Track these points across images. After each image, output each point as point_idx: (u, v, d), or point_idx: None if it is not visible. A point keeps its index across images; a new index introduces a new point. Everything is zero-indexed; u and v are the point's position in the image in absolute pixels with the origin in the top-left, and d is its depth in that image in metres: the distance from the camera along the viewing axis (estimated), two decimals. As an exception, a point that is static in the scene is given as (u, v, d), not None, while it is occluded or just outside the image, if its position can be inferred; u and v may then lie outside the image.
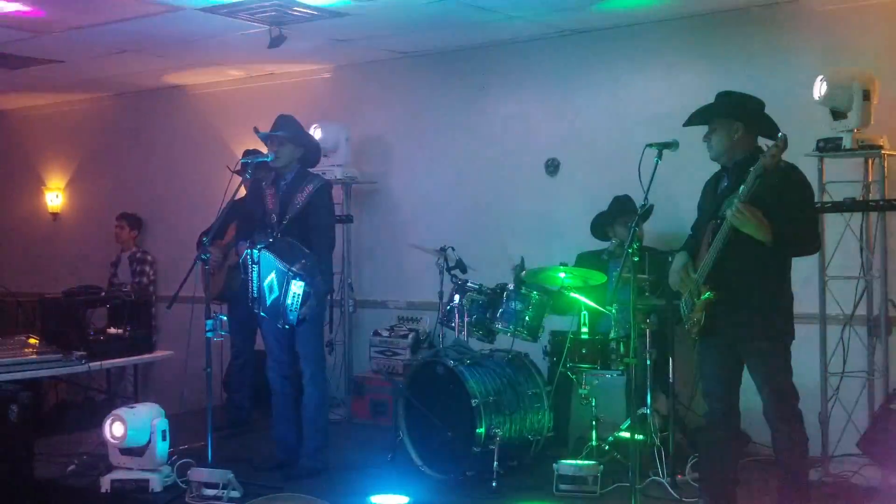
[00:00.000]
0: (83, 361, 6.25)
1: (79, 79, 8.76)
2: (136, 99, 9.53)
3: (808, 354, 5.47)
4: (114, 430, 5.44)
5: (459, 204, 7.60)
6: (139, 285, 8.68)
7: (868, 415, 5.70)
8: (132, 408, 5.62)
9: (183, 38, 7.18)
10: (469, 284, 6.15)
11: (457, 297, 6.10)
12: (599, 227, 6.38)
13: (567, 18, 6.70)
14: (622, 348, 5.59)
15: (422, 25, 6.83)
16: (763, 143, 4.56)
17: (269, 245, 5.55)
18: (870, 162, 5.76)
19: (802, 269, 4.85)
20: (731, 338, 4.48)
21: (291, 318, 5.39)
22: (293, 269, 5.36)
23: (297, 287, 5.35)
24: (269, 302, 5.52)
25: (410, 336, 7.39)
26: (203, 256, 5.63)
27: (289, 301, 5.37)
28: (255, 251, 5.57)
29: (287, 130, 5.77)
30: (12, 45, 7.31)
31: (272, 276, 5.48)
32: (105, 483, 5.42)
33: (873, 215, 5.74)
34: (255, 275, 5.59)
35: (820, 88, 5.58)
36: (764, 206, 4.23)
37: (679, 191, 5.07)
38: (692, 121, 4.64)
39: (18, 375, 5.85)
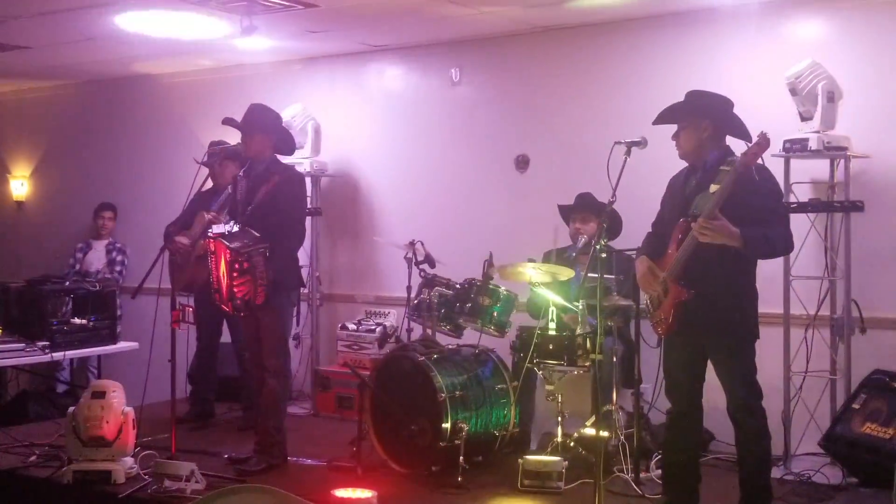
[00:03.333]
0: (46, 351, 6.20)
1: (45, 66, 8.66)
2: (103, 87, 9.43)
3: (771, 354, 5.52)
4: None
5: (429, 198, 7.60)
6: (116, 275, 8.63)
7: (830, 414, 5.76)
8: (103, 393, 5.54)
9: (152, 27, 7.10)
10: (437, 279, 6.15)
11: (425, 292, 6.10)
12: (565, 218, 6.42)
13: (538, 15, 6.71)
14: (588, 344, 5.61)
15: (393, 19, 6.82)
16: (730, 141, 4.63)
17: (223, 234, 5.49)
18: (835, 163, 5.82)
19: (767, 269, 4.89)
20: (696, 336, 4.51)
21: (238, 303, 5.34)
22: (232, 246, 5.28)
23: (237, 268, 5.27)
24: (224, 291, 5.48)
25: (378, 330, 7.38)
26: (170, 247, 5.60)
27: (234, 287, 5.31)
28: (211, 240, 5.51)
29: (257, 119, 5.73)
30: (-24, 30, 7.22)
31: (223, 265, 5.42)
32: (67, 474, 5.36)
33: (837, 216, 5.80)
34: (213, 265, 5.53)
35: (787, 90, 5.63)
36: (734, 208, 4.25)
37: (647, 188, 5.09)
38: (661, 119, 4.67)
39: (-20, 364, 5.81)
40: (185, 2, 6.28)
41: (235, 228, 5.60)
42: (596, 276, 4.62)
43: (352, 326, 7.51)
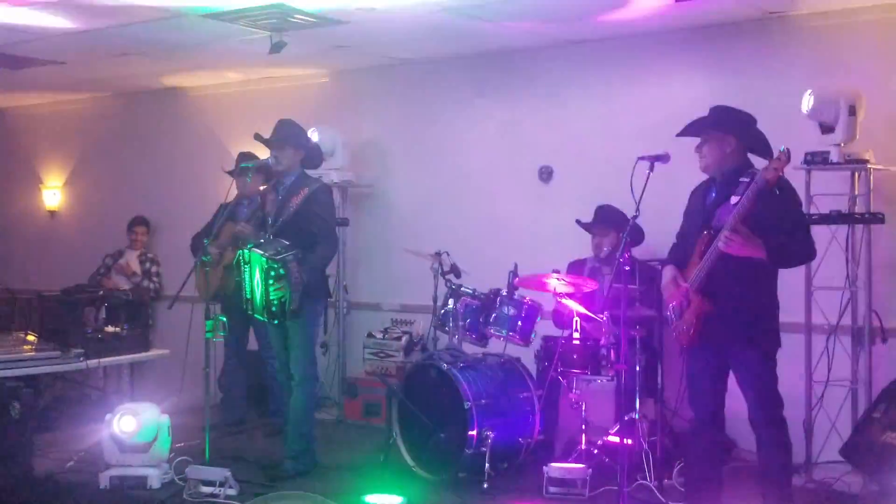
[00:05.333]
0: (81, 359, 6.32)
1: (79, 79, 8.84)
2: (134, 99, 9.60)
3: (793, 363, 5.56)
4: (123, 424, 5.53)
5: (454, 209, 7.69)
6: (151, 284, 8.79)
7: (851, 423, 5.81)
8: (139, 403, 5.68)
9: (184, 43, 7.26)
10: (463, 289, 6.25)
11: (451, 301, 6.20)
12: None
13: (562, 29, 6.80)
14: (612, 354, 5.70)
15: (419, 34, 6.92)
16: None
17: (257, 244, 5.63)
18: (856, 175, 5.88)
19: (789, 279, 4.95)
20: (718, 346, 4.58)
21: (275, 310, 5.45)
22: (266, 254, 5.39)
23: (273, 274, 5.38)
24: (259, 301, 5.59)
25: (404, 338, 7.47)
26: (204, 258, 5.72)
27: (271, 294, 5.41)
28: (246, 251, 5.64)
29: (288, 134, 5.87)
30: (15, 46, 7.37)
31: (259, 274, 5.54)
32: (104, 479, 5.51)
33: (859, 228, 5.86)
34: (246, 275, 5.66)
35: (808, 102, 5.70)
36: (756, 220, 4.34)
37: (670, 202, 5.17)
38: (686, 132, 4.76)
39: (17, 372, 5.92)
40: (216, 18, 6.43)
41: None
42: (619, 286, 4.72)
43: (378, 334, 7.61)
